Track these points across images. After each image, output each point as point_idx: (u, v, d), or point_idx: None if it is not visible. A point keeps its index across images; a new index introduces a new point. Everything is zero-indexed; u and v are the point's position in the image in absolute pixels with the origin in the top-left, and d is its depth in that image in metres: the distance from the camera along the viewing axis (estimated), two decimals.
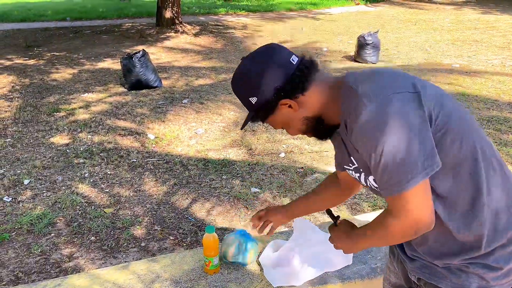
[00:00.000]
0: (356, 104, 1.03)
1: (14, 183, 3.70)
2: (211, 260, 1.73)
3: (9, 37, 10.48)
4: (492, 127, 4.69)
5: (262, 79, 1.12)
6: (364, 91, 1.04)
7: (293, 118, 1.17)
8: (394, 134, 0.97)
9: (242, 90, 1.17)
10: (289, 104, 1.14)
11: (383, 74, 1.10)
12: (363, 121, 1.01)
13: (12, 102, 5.79)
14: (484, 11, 14.14)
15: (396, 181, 1.00)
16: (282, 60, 1.13)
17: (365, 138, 1.02)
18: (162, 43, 9.60)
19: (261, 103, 1.15)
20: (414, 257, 1.22)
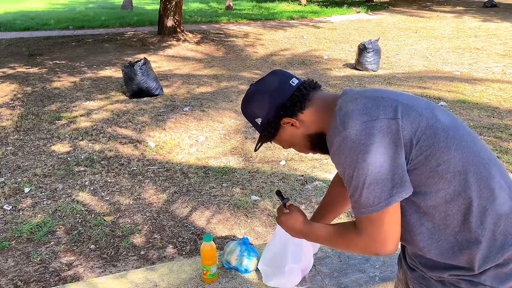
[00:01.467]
0: (334, 128, 1.09)
1: (15, 191, 3.70)
2: (209, 269, 1.73)
3: (12, 46, 10.55)
4: (493, 135, 4.68)
5: (264, 100, 1.21)
6: (342, 116, 1.08)
7: (297, 136, 1.23)
8: (364, 161, 1.02)
9: (249, 112, 1.26)
10: (291, 122, 1.20)
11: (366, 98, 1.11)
12: (336, 146, 1.07)
13: (14, 110, 5.82)
14: (484, 19, 14.18)
15: (364, 204, 1.05)
16: (282, 82, 1.22)
17: (338, 162, 1.08)
18: (164, 51, 9.66)
19: (265, 123, 1.23)
20: (414, 267, 1.22)
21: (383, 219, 1.05)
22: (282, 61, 8.80)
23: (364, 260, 1.91)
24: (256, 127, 1.27)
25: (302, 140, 1.23)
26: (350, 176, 1.05)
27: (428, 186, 1.05)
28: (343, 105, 1.11)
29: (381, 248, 1.07)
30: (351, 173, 1.04)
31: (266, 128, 1.24)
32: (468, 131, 1.13)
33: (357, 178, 1.03)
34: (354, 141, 1.03)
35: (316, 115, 1.19)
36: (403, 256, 1.29)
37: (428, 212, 1.08)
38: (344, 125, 1.06)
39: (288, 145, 1.28)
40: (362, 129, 1.03)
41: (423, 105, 1.11)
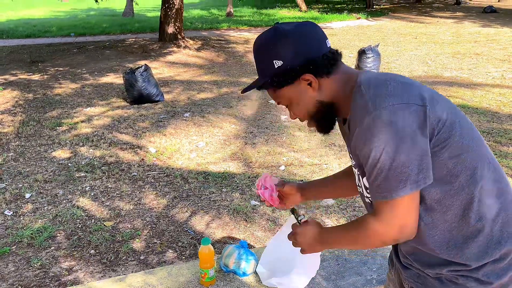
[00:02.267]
0: (362, 107, 1.04)
1: (16, 197, 3.72)
2: (207, 272, 1.74)
3: (14, 53, 10.62)
4: (492, 139, 4.69)
5: (296, 44, 1.09)
6: (372, 96, 1.04)
7: (307, 97, 1.14)
8: (394, 143, 0.99)
9: (269, 50, 1.11)
10: (311, 81, 1.11)
11: (395, 81, 1.08)
12: (365, 126, 1.02)
13: (15, 116, 5.85)
14: (484, 24, 14.23)
15: (388, 188, 1.02)
16: (320, 36, 1.13)
17: (365, 141, 1.02)
18: (165, 58, 9.71)
19: (284, 69, 1.10)
20: (408, 265, 1.22)
21: (405, 204, 1.03)
22: None
23: (361, 263, 1.92)
24: (266, 69, 1.13)
25: (310, 104, 1.15)
26: (377, 157, 1.01)
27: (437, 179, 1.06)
28: (371, 86, 1.07)
29: (401, 233, 1.06)
30: (377, 154, 1.00)
31: (281, 75, 1.11)
32: (476, 130, 1.15)
33: (384, 160, 1.00)
34: (384, 121, 0.99)
35: (336, 85, 1.13)
36: (395, 256, 1.29)
37: (431, 206, 1.08)
38: (376, 105, 1.01)
39: (289, 102, 1.16)
40: (394, 111, 1.00)
41: (443, 98, 1.13)
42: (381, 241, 1.10)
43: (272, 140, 4.90)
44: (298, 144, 4.77)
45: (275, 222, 3.29)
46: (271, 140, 4.89)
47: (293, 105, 1.17)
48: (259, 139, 4.94)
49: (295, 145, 4.73)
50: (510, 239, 1.09)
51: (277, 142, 4.83)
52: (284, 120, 5.56)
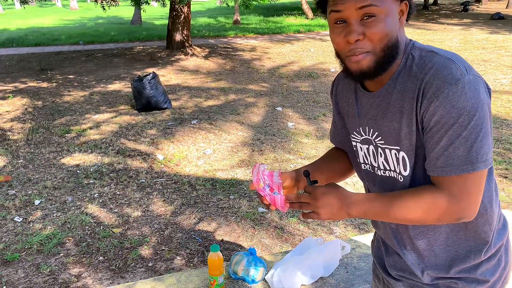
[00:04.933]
0: (453, 71, 0.94)
1: (25, 204, 3.75)
2: (216, 279, 1.74)
3: (24, 61, 10.75)
4: (502, 147, 4.66)
5: None
6: (460, 62, 0.96)
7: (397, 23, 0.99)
8: (482, 114, 0.93)
9: None
10: (403, 13, 1.01)
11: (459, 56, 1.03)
12: (459, 89, 0.92)
13: (25, 124, 5.91)
14: (492, 31, 14.18)
15: (470, 159, 0.94)
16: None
17: (456, 106, 0.93)
18: (172, 65, 9.77)
19: None
20: (400, 277, 1.20)
21: (481, 180, 0.96)
22: (289, 74, 8.86)
23: (370, 271, 1.91)
24: None
25: (393, 31, 0.98)
26: (466, 123, 0.92)
27: None
28: (448, 52, 0.99)
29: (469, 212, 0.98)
30: (466, 121, 0.92)
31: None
32: None
33: (473, 128, 0.92)
34: (477, 88, 0.93)
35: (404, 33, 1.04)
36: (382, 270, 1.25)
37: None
38: (466, 70, 0.94)
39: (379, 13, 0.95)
40: (480, 81, 0.95)
41: None
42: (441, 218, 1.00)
43: (280, 147, 4.90)
44: (305, 150, 4.77)
45: (283, 229, 3.28)
46: (278, 147, 4.89)
47: (379, 21, 0.95)
48: (266, 146, 4.94)
49: (303, 152, 4.73)
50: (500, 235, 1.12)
51: (285, 149, 4.83)
52: (291, 127, 5.56)
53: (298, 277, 1.78)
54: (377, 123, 1.08)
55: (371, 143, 1.11)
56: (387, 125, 1.06)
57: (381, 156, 1.10)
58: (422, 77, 0.97)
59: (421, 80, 0.97)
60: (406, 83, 1.00)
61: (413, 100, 0.99)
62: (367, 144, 1.12)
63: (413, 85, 0.98)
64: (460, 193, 0.96)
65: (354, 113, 1.14)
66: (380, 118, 1.07)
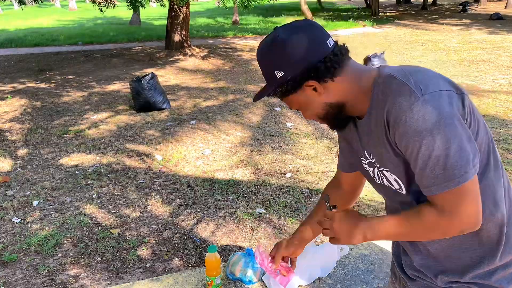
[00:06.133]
0: (406, 94, 0.97)
1: (23, 204, 3.75)
2: (213, 279, 1.74)
3: (22, 62, 10.74)
4: (500, 147, 4.67)
5: (294, 53, 1.04)
6: (416, 83, 0.98)
7: (315, 101, 1.10)
8: (447, 128, 0.94)
9: (269, 61, 1.08)
10: (314, 86, 1.07)
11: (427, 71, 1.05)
12: (415, 113, 0.95)
13: (23, 124, 5.90)
14: (491, 31, 14.19)
15: (448, 176, 0.96)
16: (319, 39, 1.06)
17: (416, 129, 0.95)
18: (171, 66, 9.77)
19: (285, 79, 1.07)
20: (415, 277, 1.21)
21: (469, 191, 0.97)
22: None
23: (367, 271, 1.91)
24: (270, 79, 1.10)
25: (319, 107, 1.11)
26: (432, 144, 0.94)
27: None
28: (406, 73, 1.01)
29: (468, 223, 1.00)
30: (431, 142, 0.94)
31: (284, 84, 1.07)
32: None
33: (440, 146, 0.94)
34: (435, 107, 0.94)
35: (344, 85, 1.07)
36: (399, 268, 1.28)
37: None
38: (422, 91, 0.95)
39: (298, 107, 1.14)
40: (441, 97, 0.96)
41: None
42: (444, 234, 1.04)
43: (279, 147, 4.90)
44: (304, 151, 4.77)
45: (281, 230, 3.28)
46: (277, 148, 4.89)
47: (302, 110, 1.15)
48: (265, 146, 4.94)
49: (301, 152, 4.73)
50: None
51: (284, 150, 4.83)
52: (290, 127, 5.56)
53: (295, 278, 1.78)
54: (370, 148, 1.15)
55: (374, 166, 1.16)
56: (375, 150, 1.12)
57: (384, 177, 1.15)
58: (384, 106, 1.01)
59: (384, 109, 1.01)
60: (378, 112, 1.04)
61: (383, 128, 1.03)
62: (372, 167, 1.17)
63: (381, 114, 1.03)
64: (452, 208, 0.98)
65: (357, 138, 1.19)
66: (371, 144, 1.13)
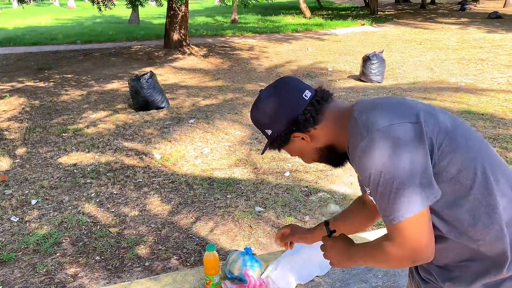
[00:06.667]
0: (357, 134, 1.06)
1: (22, 203, 3.74)
2: (212, 278, 1.74)
3: (21, 60, 10.72)
4: (498, 145, 4.67)
5: (275, 113, 1.18)
6: (364, 121, 1.06)
7: (306, 148, 1.22)
8: (391, 165, 0.99)
9: (259, 122, 1.23)
10: (301, 137, 1.19)
11: (387, 104, 1.11)
12: (360, 152, 1.03)
13: (22, 123, 5.89)
14: (489, 30, 14.20)
15: (393, 211, 1.01)
16: (295, 95, 1.18)
17: (364, 167, 1.04)
18: (170, 65, 9.76)
19: (275, 135, 1.21)
20: (428, 279, 1.21)
21: (414, 225, 1.01)
22: (287, 73, 8.85)
23: (366, 270, 1.91)
24: (265, 135, 1.25)
25: (311, 153, 1.23)
26: (377, 181, 1.01)
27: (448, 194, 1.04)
28: (363, 112, 1.09)
29: (417, 255, 1.04)
30: (377, 178, 1.01)
31: (275, 139, 1.21)
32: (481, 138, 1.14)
33: (385, 183, 1.00)
34: (379, 145, 1.00)
35: (327, 129, 1.17)
36: (415, 269, 1.29)
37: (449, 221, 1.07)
38: (368, 129, 1.03)
39: (296, 155, 1.28)
40: (387, 133, 1.01)
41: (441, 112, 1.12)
42: (398, 263, 1.09)
43: None
44: None
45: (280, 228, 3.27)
46: None
47: (300, 156, 1.28)
48: (263, 145, 4.93)
49: None
50: None
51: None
52: None
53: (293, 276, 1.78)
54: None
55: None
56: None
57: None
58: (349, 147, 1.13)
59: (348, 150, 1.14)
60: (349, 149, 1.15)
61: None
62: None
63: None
64: (401, 240, 1.03)
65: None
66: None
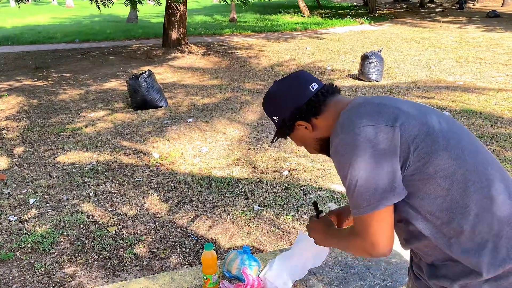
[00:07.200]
0: (334, 131, 1.15)
1: (20, 203, 3.74)
2: (210, 277, 1.74)
3: (19, 59, 10.69)
4: (496, 144, 4.68)
5: (283, 101, 1.28)
6: (342, 120, 1.14)
7: (308, 138, 1.29)
8: (357, 164, 1.06)
9: (268, 109, 1.33)
10: (304, 125, 1.26)
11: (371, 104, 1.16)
12: (334, 148, 1.13)
13: (20, 122, 5.88)
14: (487, 29, 14.21)
15: (356, 205, 1.09)
16: (302, 86, 1.27)
17: (336, 162, 1.14)
18: (168, 64, 9.75)
19: (281, 123, 1.29)
20: (419, 276, 1.23)
21: (372, 221, 1.08)
22: (286, 72, 8.84)
23: (364, 269, 1.91)
24: (274, 123, 1.34)
25: (313, 142, 1.30)
26: (344, 177, 1.10)
27: (425, 192, 1.07)
28: (347, 109, 1.17)
29: (372, 249, 1.10)
30: (345, 174, 1.09)
31: (281, 126, 1.30)
32: (471, 139, 1.14)
33: (350, 180, 1.08)
34: (349, 144, 1.08)
35: (328, 121, 1.23)
36: (410, 266, 1.31)
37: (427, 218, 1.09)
38: (343, 128, 1.11)
39: (300, 144, 1.35)
40: (359, 133, 1.07)
41: (425, 113, 1.14)
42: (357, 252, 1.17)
43: (276, 145, 4.90)
44: (301, 149, 4.77)
45: (279, 227, 3.28)
46: (274, 145, 4.89)
47: (304, 145, 1.35)
48: (262, 144, 4.94)
49: (299, 150, 4.73)
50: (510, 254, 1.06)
51: (281, 147, 4.83)
52: None
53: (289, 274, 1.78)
54: None
55: None
56: None
57: None
58: None
59: None
60: None
61: None
62: None
63: None
64: (361, 231, 1.11)
65: None
66: None
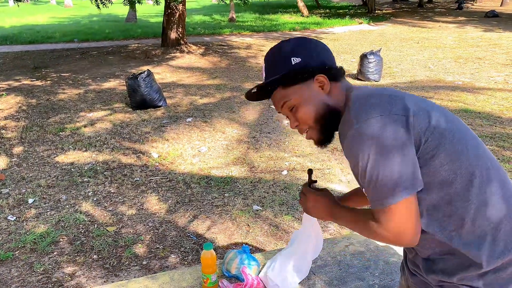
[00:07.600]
0: (347, 121, 1.10)
1: (19, 202, 3.73)
2: (209, 277, 1.74)
3: (17, 59, 10.68)
4: (495, 144, 4.69)
5: (316, 49, 1.19)
6: (356, 110, 1.09)
7: (317, 98, 1.18)
8: (377, 154, 1.03)
9: (292, 49, 1.18)
10: (324, 83, 1.18)
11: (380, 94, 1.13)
12: (349, 139, 1.08)
13: (18, 122, 5.88)
14: (486, 29, 14.23)
15: (378, 197, 1.06)
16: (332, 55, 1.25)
17: (352, 154, 1.08)
18: (168, 63, 9.75)
19: (300, 66, 1.16)
20: (415, 272, 1.23)
21: (395, 212, 1.05)
22: None
23: (363, 268, 1.92)
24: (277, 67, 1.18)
25: (319, 105, 1.18)
26: (364, 169, 1.05)
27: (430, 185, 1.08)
28: (356, 99, 1.13)
29: (398, 239, 1.08)
30: (364, 166, 1.05)
31: (297, 71, 1.16)
32: (473, 135, 1.15)
33: (370, 172, 1.04)
34: (367, 135, 1.04)
35: (340, 94, 1.19)
36: (405, 263, 1.31)
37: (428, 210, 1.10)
38: (358, 118, 1.06)
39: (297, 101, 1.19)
40: (375, 123, 1.04)
41: (432, 107, 1.14)
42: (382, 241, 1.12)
43: (275, 145, 4.90)
44: (300, 148, 4.77)
45: (278, 227, 3.28)
46: (273, 145, 4.89)
47: (300, 106, 1.19)
48: (261, 144, 4.94)
49: (298, 150, 4.73)
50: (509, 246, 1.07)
51: (280, 147, 4.83)
52: (286, 124, 5.56)
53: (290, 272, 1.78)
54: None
55: None
56: None
57: None
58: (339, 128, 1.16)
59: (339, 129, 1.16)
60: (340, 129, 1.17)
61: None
62: None
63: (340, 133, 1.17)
64: (386, 224, 1.07)
65: None
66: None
